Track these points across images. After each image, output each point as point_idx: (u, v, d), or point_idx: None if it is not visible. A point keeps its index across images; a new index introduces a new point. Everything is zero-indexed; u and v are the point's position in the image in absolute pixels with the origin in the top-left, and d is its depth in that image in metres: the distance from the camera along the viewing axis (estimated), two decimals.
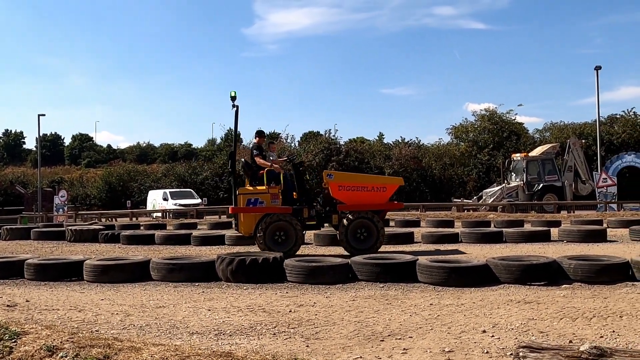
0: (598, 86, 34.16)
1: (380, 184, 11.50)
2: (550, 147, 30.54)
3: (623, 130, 39.40)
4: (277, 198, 10.96)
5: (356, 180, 11.65)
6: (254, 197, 11.00)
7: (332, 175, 11.40)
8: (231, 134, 57.14)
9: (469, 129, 43.31)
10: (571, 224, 16.56)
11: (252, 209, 10.98)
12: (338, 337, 4.95)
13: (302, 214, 11.14)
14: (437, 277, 7.47)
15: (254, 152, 11.58)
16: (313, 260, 8.47)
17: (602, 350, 2.95)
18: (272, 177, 11.18)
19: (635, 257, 7.70)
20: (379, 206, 11.24)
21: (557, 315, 5.58)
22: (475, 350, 4.46)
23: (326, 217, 11.32)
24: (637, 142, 38.26)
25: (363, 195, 11.15)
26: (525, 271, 7.41)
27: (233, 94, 11.15)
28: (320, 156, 40.60)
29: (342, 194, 11.13)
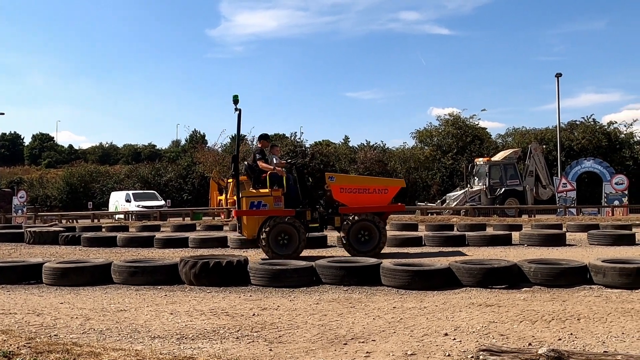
0: (559, 93, 34.91)
1: (382, 186, 11.60)
2: (512, 152, 31.07)
3: (583, 136, 40.33)
4: (280, 201, 11.04)
5: (357, 182, 11.85)
6: (257, 200, 11.03)
7: (333, 178, 11.52)
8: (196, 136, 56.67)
9: (433, 133, 43.83)
10: (532, 228, 16.86)
11: (255, 212, 11.02)
12: (301, 340, 4.95)
13: (305, 217, 11.21)
14: (401, 280, 7.53)
15: (257, 155, 11.56)
16: (277, 263, 8.45)
17: (560, 353, 3.01)
18: (274, 180, 11.22)
19: (593, 260, 7.87)
20: (380, 208, 11.34)
21: (517, 318, 5.67)
22: (437, 353, 4.50)
23: (329, 220, 11.38)
24: (596, 148, 39.18)
25: (364, 198, 11.26)
26: (486, 274, 7.51)
27: (236, 97, 11.15)
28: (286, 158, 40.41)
29: (343, 196, 11.25)
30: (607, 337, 4.91)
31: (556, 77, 34.59)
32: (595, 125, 41.53)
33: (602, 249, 11.71)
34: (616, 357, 3.03)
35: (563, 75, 35.10)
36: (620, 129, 41.75)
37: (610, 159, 37.37)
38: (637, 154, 40.04)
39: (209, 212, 31.87)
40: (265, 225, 10.84)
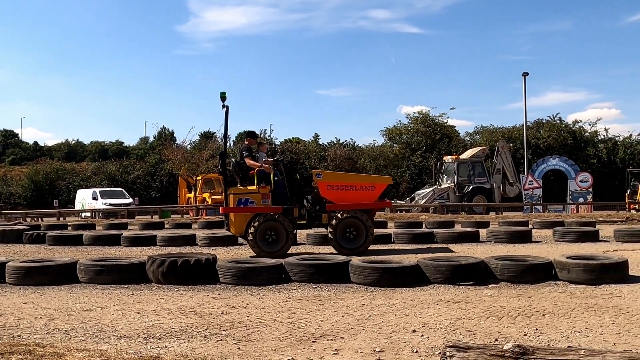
0: (525, 92, 35.42)
1: (369, 183, 11.66)
2: (480, 150, 31.45)
3: (549, 134, 41.00)
4: (267, 198, 11.05)
5: (345, 179, 11.82)
6: (244, 197, 11.04)
7: (320, 175, 11.57)
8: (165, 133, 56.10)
9: (402, 131, 44.13)
10: (499, 225, 17.09)
11: (243, 209, 11.00)
12: (270, 338, 4.93)
13: (293, 214, 11.22)
14: (370, 277, 7.55)
15: (244, 153, 11.58)
16: (246, 262, 8.42)
17: (525, 348, 3.05)
18: (262, 177, 11.22)
19: (558, 257, 8.00)
20: (367, 205, 11.38)
21: (484, 314, 5.73)
22: (405, 349, 4.53)
23: (316, 217, 11.37)
24: (562, 146, 39.86)
25: (352, 195, 11.31)
26: (454, 271, 7.58)
27: (223, 94, 11.14)
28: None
29: (330, 193, 11.29)
30: (571, 332, 4.99)
31: (523, 76, 35.08)
32: (561, 124, 42.27)
33: (567, 246, 11.92)
34: (579, 352, 3.08)
35: (530, 75, 35.66)
36: (585, 127, 42.56)
37: (575, 157, 38.07)
38: (601, 152, 40.83)
39: (177, 210, 31.61)
40: (253, 222, 10.83)
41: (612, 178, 38.52)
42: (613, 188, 36.94)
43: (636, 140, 41.89)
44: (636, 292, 6.81)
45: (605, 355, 3.06)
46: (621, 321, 5.37)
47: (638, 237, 12.58)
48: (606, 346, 4.50)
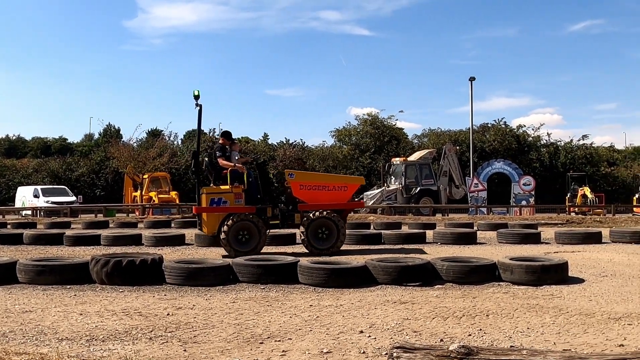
0: (472, 96, 36.23)
1: (341, 184, 11.70)
2: (427, 153, 31.95)
3: (494, 138, 41.99)
4: (240, 198, 10.99)
5: (317, 179, 11.85)
6: (217, 197, 10.96)
7: (293, 175, 11.57)
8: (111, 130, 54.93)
9: (352, 132, 44.47)
10: (445, 226, 17.37)
11: (215, 209, 10.91)
12: (217, 340, 4.88)
13: (266, 214, 11.15)
14: (318, 278, 7.56)
15: (217, 153, 11.47)
16: (193, 262, 8.31)
17: (469, 349, 3.10)
18: (235, 177, 11.14)
19: (502, 258, 8.18)
20: (339, 205, 11.39)
21: (430, 315, 5.81)
22: (353, 350, 4.55)
23: (289, 217, 11.32)
24: (506, 150, 40.88)
25: (324, 195, 11.33)
26: (401, 272, 7.66)
27: (196, 93, 11.05)
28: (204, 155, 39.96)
29: (303, 193, 11.29)
30: (513, 332, 5.11)
31: (470, 81, 35.86)
32: (505, 128, 43.36)
33: (510, 247, 12.20)
34: (522, 352, 3.16)
35: (476, 79, 36.51)
36: (528, 132, 43.85)
37: (519, 160, 39.12)
38: (544, 156, 42.08)
39: (123, 208, 30.97)
40: (226, 221, 10.75)
41: (554, 182, 39.77)
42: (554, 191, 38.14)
43: (576, 145, 43.33)
44: (575, 292, 7.03)
45: (546, 354, 3.14)
46: (561, 321, 5.53)
47: (577, 240, 12.98)
48: (547, 346, 4.62)
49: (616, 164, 46.36)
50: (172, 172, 36.53)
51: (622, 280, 7.92)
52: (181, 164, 39.46)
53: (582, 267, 9.03)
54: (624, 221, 21.85)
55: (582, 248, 11.89)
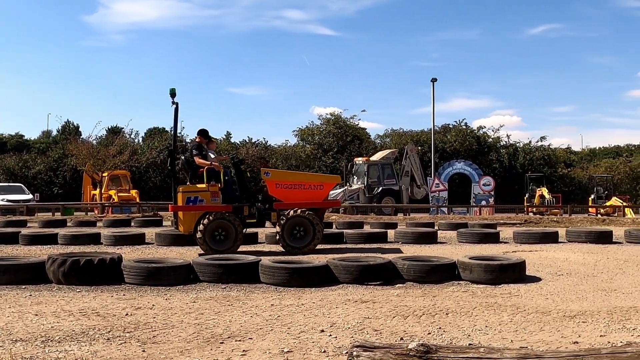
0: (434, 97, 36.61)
1: (317, 182, 11.69)
2: (389, 153, 32.21)
3: (455, 139, 42.56)
4: (217, 196, 10.92)
5: (293, 178, 11.85)
6: (193, 195, 10.87)
7: (269, 173, 11.55)
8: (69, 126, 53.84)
9: (314, 131, 44.53)
10: (406, 226, 17.51)
11: (191, 207, 10.83)
12: (176, 340, 4.83)
13: (243, 212, 11.09)
14: (280, 277, 7.55)
15: (194, 151, 11.41)
16: (153, 261, 8.20)
17: (428, 347, 3.13)
18: (212, 175, 11.06)
19: (461, 258, 8.29)
20: (315, 204, 11.34)
21: (390, 314, 5.85)
22: (314, 349, 4.55)
23: (266, 215, 11.30)
24: (467, 150, 41.48)
25: (300, 193, 11.29)
26: (362, 271, 7.70)
27: (173, 91, 10.98)
28: (165, 153, 39.55)
29: (279, 191, 11.27)
30: (472, 331, 5.18)
31: (432, 82, 36.28)
32: (466, 129, 44.00)
33: (470, 247, 12.37)
34: (479, 349, 3.20)
35: (438, 81, 36.93)
36: (488, 133, 44.58)
37: (479, 161, 39.73)
38: (503, 157, 42.81)
39: (81, 207, 30.40)
40: (202, 220, 10.69)
41: (513, 182, 40.51)
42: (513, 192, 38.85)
43: (535, 147, 44.21)
44: (532, 291, 7.17)
45: (503, 352, 3.19)
46: (518, 319, 5.63)
47: (535, 239, 13.24)
48: (504, 343, 4.69)
49: (573, 166, 47.47)
50: (132, 170, 36.00)
51: (577, 279, 8.10)
52: (142, 162, 38.94)
53: (539, 266, 9.21)
54: (579, 221, 22.38)
55: (539, 247, 12.13)
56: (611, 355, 3.12)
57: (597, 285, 7.63)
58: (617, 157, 49.32)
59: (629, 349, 3.18)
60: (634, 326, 5.36)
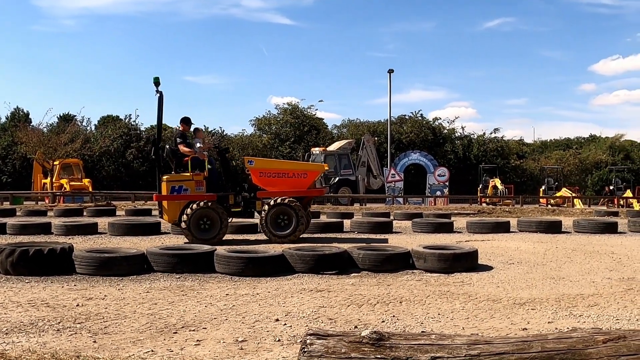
0: (390, 88, 36.87)
1: (301, 170, 11.60)
2: (346, 143, 32.33)
3: (411, 130, 42.96)
4: (201, 185, 10.89)
5: (276, 166, 11.87)
6: (178, 185, 10.84)
7: (252, 162, 11.51)
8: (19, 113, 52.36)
9: (271, 121, 44.34)
10: (362, 216, 17.64)
11: (176, 197, 10.77)
12: (129, 330, 4.76)
13: (228, 201, 11.05)
14: (235, 267, 7.51)
15: (178, 140, 11.31)
16: (105, 251, 8.07)
17: (381, 334, 3.16)
18: (196, 164, 11.02)
19: (416, 247, 8.40)
20: (299, 193, 11.25)
21: (345, 303, 5.90)
22: (268, 338, 4.55)
23: (252, 204, 11.25)
24: (423, 141, 41.93)
25: (283, 182, 11.25)
26: (318, 261, 7.73)
27: (157, 80, 10.89)
28: (119, 141, 38.94)
29: (263, 180, 11.24)
30: (425, 318, 5.27)
31: (388, 73, 36.49)
32: (422, 121, 44.46)
33: (424, 236, 12.55)
34: (431, 336, 3.25)
35: (395, 72, 37.15)
36: (444, 124, 45.14)
37: (435, 152, 40.21)
38: (458, 149, 43.43)
39: (31, 196, 29.64)
40: (186, 209, 10.63)
41: (467, 173, 41.18)
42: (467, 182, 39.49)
43: (488, 138, 44.99)
44: (484, 279, 7.32)
45: (454, 339, 3.24)
46: (470, 307, 5.75)
47: (488, 229, 13.50)
48: (456, 330, 4.78)
49: (525, 157, 48.47)
50: (85, 158, 35.21)
51: (528, 268, 8.30)
52: (95, 151, 38.14)
53: (491, 255, 9.40)
54: (530, 211, 22.94)
55: (491, 237, 12.38)
56: (557, 340, 3.21)
57: (546, 273, 7.83)
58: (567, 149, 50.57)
59: (574, 334, 3.27)
60: (580, 313, 5.52)
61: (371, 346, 3.13)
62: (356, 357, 3.11)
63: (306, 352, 3.17)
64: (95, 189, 30.05)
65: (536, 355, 3.13)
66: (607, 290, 6.66)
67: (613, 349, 3.14)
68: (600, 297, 6.27)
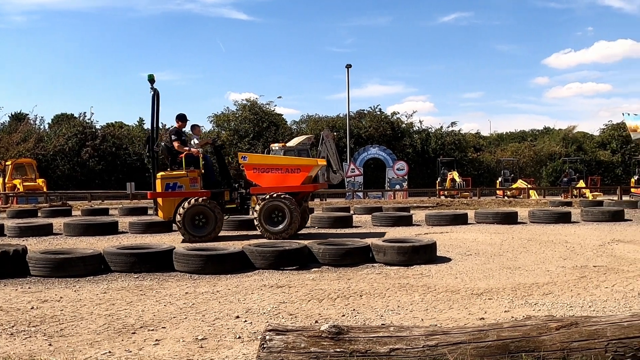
0: (348, 83, 37.03)
1: (294, 166, 11.43)
2: (305, 139, 32.31)
3: (369, 124, 43.21)
4: (196, 182, 10.88)
5: (270, 161, 11.69)
6: (172, 182, 10.82)
7: (246, 157, 11.44)
8: None
9: (230, 117, 44.04)
10: (323, 210, 17.69)
11: (170, 194, 10.74)
12: (86, 332, 4.68)
13: (223, 198, 11.04)
14: (194, 265, 7.45)
15: (172, 137, 11.27)
16: (61, 252, 7.90)
17: (340, 328, 3.18)
18: (191, 161, 10.98)
19: (375, 241, 8.46)
20: (292, 188, 11.12)
21: (306, 298, 5.91)
22: (228, 336, 4.53)
23: (248, 200, 11.26)
24: (382, 136, 42.22)
25: (276, 177, 11.17)
26: (278, 257, 7.72)
27: (151, 77, 10.86)
28: (74, 140, 38.17)
29: (256, 175, 11.18)
30: (385, 311, 5.31)
31: (346, 68, 36.64)
32: (381, 115, 44.74)
33: (384, 230, 12.64)
34: (389, 328, 3.29)
35: (353, 67, 37.32)
36: (402, 119, 45.51)
37: (393, 146, 40.55)
38: (416, 142, 43.88)
39: None
40: (181, 206, 10.58)
41: (425, 166, 41.68)
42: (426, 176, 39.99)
43: (446, 132, 45.57)
44: (442, 271, 7.42)
45: (412, 330, 3.28)
46: (429, 299, 5.82)
47: (446, 221, 13.68)
48: (415, 322, 4.84)
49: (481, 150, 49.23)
50: (38, 158, 34.44)
51: (485, 258, 8.45)
52: (49, 150, 37.33)
53: (450, 247, 9.53)
54: (487, 203, 23.34)
55: (450, 229, 12.55)
56: (512, 329, 3.28)
57: (503, 263, 7.98)
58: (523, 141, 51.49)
59: (529, 322, 3.35)
60: (535, 301, 5.65)
61: (330, 340, 3.15)
62: (316, 352, 3.12)
63: (265, 348, 3.16)
64: (49, 189, 29.42)
65: (492, 344, 3.20)
66: (561, 278, 6.83)
67: (565, 335, 3.22)
68: (555, 285, 6.43)
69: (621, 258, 8.33)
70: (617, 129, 46.37)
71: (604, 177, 42.13)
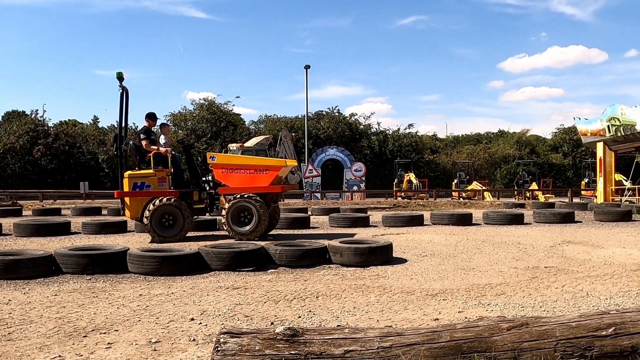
0: (307, 84, 37.08)
1: (262, 166, 11.23)
2: (264, 139, 32.20)
3: (328, 125, 43.38)
4: (164, 181, 10.69)
5: (238, 161, 11.44)
6: (140, 181, 10.60)
7: (215, 157, 11.19)
8: None
9: (187, 117, 43.64)
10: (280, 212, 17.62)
11: (137, 193, 10.53)
12: (35, 336, 4.56)
13: (191, 198, 10.89)
14: (149, 266, 7.35)
15: (142, 135, 11.06)
16: (10, 253, 7.69)
17: (295, 330, 3.18)
18: (159, 160, 10.78)
19: (332, 242, 8.49)
20: (260, 189, 10.93)
21: (262, 299, 5.88)
22: (183, 338, 4.47)
23: (216, 200, 11.11)
24: (340, 137, 42.42)
25: (244, 178, 10.99)
26: (234, 258, 7.68)
27: (120, 75, 10.67)
28: (25, 138, 37.21)
29: (225, 176, 11.00)
30: (340, 312, 5.33)
31: (305, 69, 36.66)
32: (339, 116, 44.98)
33: (341, 231, 12.69)
34: (344, 330, 3.30)
35: (312, 68, 37.40)
36: (360, 120, 45.83)
37: (351, 147, 40.79)
38: (374, 144, 44.22)
39: None
40: (149, 206, 10.41)
41: (383, 168, 42.04)
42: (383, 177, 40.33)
43: (403, 134, 46.07)
44: (398, 272, 7.49)
45: (367, 332, 3.30)
46: (385, 299, 5.86)
47: (402, 222, 13.82)
48: (371, 323, 4.87)
49: (438, 152, 49.94)
50: None
51: (440, 259, 8.56)
52: None
53: (406, 248, 9.62)
54: (443, 205, 23.67)
55: (406, 230, 12.67)
56: (465, 329, 3.33)
57: (458, 264, 8.10)
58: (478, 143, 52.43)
59: (481, 322, 3.41)
60: (488, 302, 5.75)
61: (285, 342, 3.14)
62: (270, 354, 3.11)
63: (220, 351, 3.14)
64: None
65: (445, 345, 3.24)
66: (513, 279, 6.97)
67: (516, 336, 3.29)
68: (507, 286, 6.55)
69: (571, 259, 8.55)
70: (569, 132, 47.65)
71: (555, 179, 43.24)
